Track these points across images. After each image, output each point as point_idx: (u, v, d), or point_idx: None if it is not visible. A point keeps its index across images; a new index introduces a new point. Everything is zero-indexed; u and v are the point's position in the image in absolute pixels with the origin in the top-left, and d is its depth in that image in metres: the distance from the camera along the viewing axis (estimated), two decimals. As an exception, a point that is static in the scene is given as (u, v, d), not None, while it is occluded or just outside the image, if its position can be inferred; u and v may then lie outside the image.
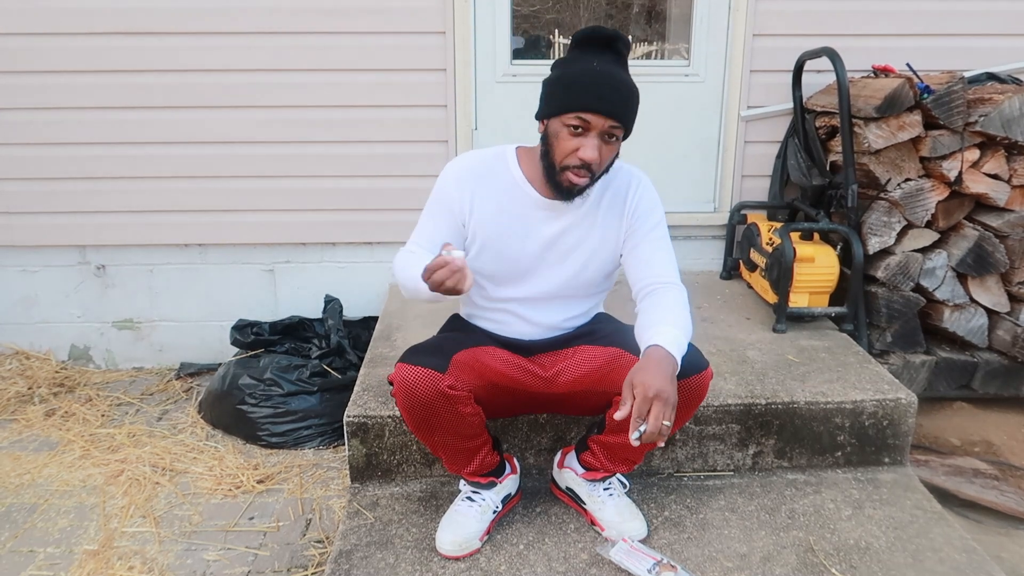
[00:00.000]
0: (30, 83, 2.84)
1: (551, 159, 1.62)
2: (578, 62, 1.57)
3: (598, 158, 1.58)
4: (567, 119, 1.57)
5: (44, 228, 3.01)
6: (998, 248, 2.50)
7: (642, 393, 1.42)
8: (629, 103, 1.58)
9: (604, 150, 1.59)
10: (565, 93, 1.57)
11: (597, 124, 1.55)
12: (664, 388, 1.43)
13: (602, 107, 1.54)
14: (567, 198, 1.68)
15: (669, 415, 1.43)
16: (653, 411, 1.42)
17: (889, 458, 2.15)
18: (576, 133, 1.57)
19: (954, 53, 2.90)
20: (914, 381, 2.58)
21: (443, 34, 2.85)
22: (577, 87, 1.55)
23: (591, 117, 1.55)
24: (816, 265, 2.57)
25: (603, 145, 1.58)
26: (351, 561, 1.75)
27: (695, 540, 1.83)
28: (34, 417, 2.73)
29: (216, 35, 2.81)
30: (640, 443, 1.44)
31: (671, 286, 1.69)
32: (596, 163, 1.59)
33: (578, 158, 1.58)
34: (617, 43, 1.58)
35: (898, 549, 1.80)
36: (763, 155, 3.04)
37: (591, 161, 1.57)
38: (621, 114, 1.56)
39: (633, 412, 1.43)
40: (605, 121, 1.55)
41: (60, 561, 1.98)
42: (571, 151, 1.58)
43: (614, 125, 1.56)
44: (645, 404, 1.42)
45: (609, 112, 1.55)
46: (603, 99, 1.54)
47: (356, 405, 2.05)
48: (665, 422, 1.42)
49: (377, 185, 2.99)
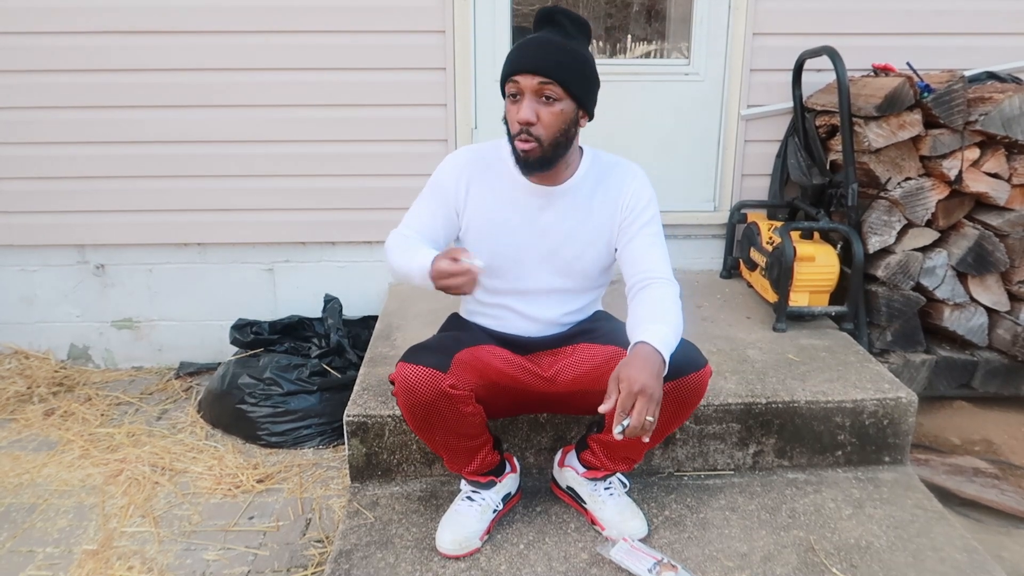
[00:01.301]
0: (29, 82, 2.83)
1: (509, 135, 1.66)
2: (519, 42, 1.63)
3: (533, 118, 1.59)
4: (508, 89, 1.62)
5: (43, 227, 3.00)
6: (998, 247, 2.50)
7: (627, 388, 1.43)
8: (560, 60, 1.57)
9: (543, 112, 1.60)
10: (503, 68, 1.62)
11: (527, 84, 1.58)
12: (649, 384, 1.43)
13: (526, 65, 1.57)
14: (526, 171, 1.68)
15: (653, 411, 1.44)
16: (637, 406, 1.43)
17: (890, 457, 2.15)
18: (515, 101, 1.61)
19: (954, 52, 2.90)
20: (914, 380, 2.58)
21: (443, 33, 2.84)
22: (509, 57, 1.61)
23: (519, 78, 1.58)
24: (816, 264, 2.57)
25: (540, 107, 1.59)
26: (351, 561, 1.75)
27: (696, 539, 1.83)
28: (33, 417, 2.73)
29: (214, 34, 2.81)
30: (623, 437, 1.44)
31: (663, 282, 1.69)
32: (537, 127, 1.60)
33: (516, 123, 1.61)
34: (555, 16, 1.62)
35: (899, 548, 1.80)
36: (763, 154, 3.04)
37: (527, 121, 1.59)
38: (548, 70, 1.56)
39: (617, 406, 1.44)
40: (532, 79, 1.57)
41: (59, 561, 1.98)
42: (513, 120, 1.62)
43: (543, 81, 1.57)
44: (629, 399, 1.43)
45: (534, 69, 1.56)
46: (527, 58, 1.57)
47: (356, 404, 2.05)
48: (648, 417, 1.43)
49: (377, 184, 2.99)
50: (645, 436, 1.46)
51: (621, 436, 1.44)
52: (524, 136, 1.61)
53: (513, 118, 1.62)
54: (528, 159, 1.64)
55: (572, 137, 1.67)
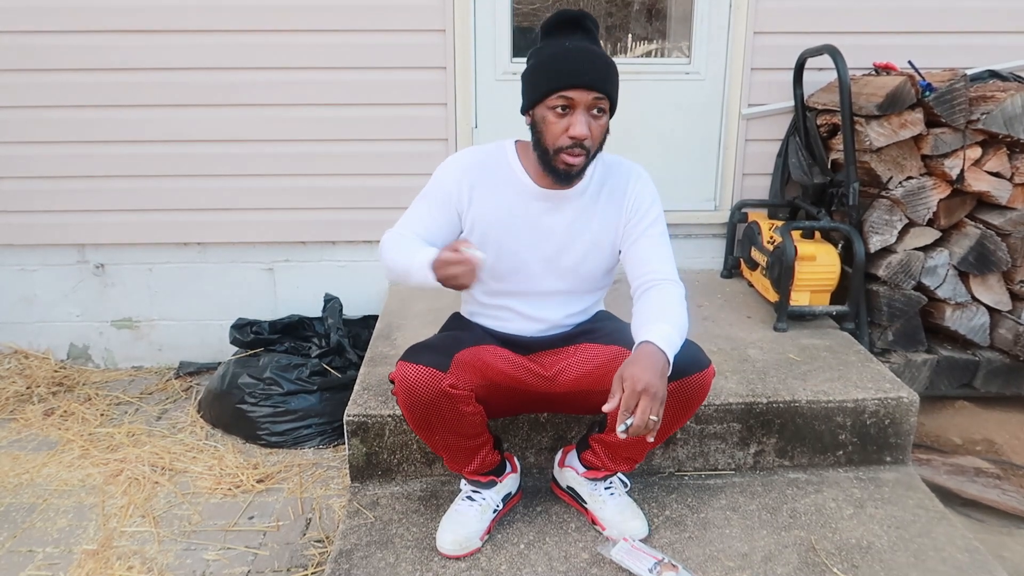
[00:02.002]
0: (28, 81, 2.83)
1: (543, 146, 1.63)
2: (549, 46, 1.59)
3: (588, 133, 1.58)
4: (551, 102, 1.57)
5: (43, 227, 3.00)
6: (1000, 246, 2.49)
7: (631, 387, 1.43)
8: (608, 74, 1.58)
9: (593, 126, 1.59)
10: (544, 77, 1.58)
11: (581, 99, 1.56)
12: (653, 383, 1.43)
13: (582, 80, 1.55)
14: (566, 182, 1.68)
15: (657, 410, 1.43)
16: (641, 405, 1.42)
17: (891, 457, 2.14)
18: (563, 114, 1.58)
19: (956, 51, 2.89)
20: (916, 380, 2.57)
21: (443, 32, 2.84)
22: (554, 68, 1.56)
23: (574, 93, 1.55)
24: (817, 263, 2.57)
25: (591, 120, 1.59)
26: (351, 561, 1.74)
27: (696, 539, 1.82)
28: (33, 416, 2.73)
29: (214, 33, 2.81)
30: (627, 436, 1.44)
31: (669, 282, 1.68)
32: (588, 139, 1.59)
33: (569, 137, 1.58)
34: (584, 21, 1.60)
35: (900, 548, 1.79)
36: (764, 153, 3.03)
37: (582, 137, 1.57)
38: (602, 85, 1.56)
39: (621, 405, 1.43)
40: (588, 94, 1.56)
41: (59, 561, 1.97)
42: (561, 132, 1.59)
43: (598, 97, 1.57)
44: (633, 398, 1.43)
45: (590, 84, 1.55)
46: (582, 73, 1.55)
47: (356, 404, 2.05)
48: (652, 417, 1.43)
49: (377, 183, 2.98)
50: (650, 436, 1.46)
51: (624, 435, 1.44)
52: (577, 150, 1.59)
53: (559, 131, 1.58)
54: (572, 172, 1.64)
55: (603, 145, 1.68)
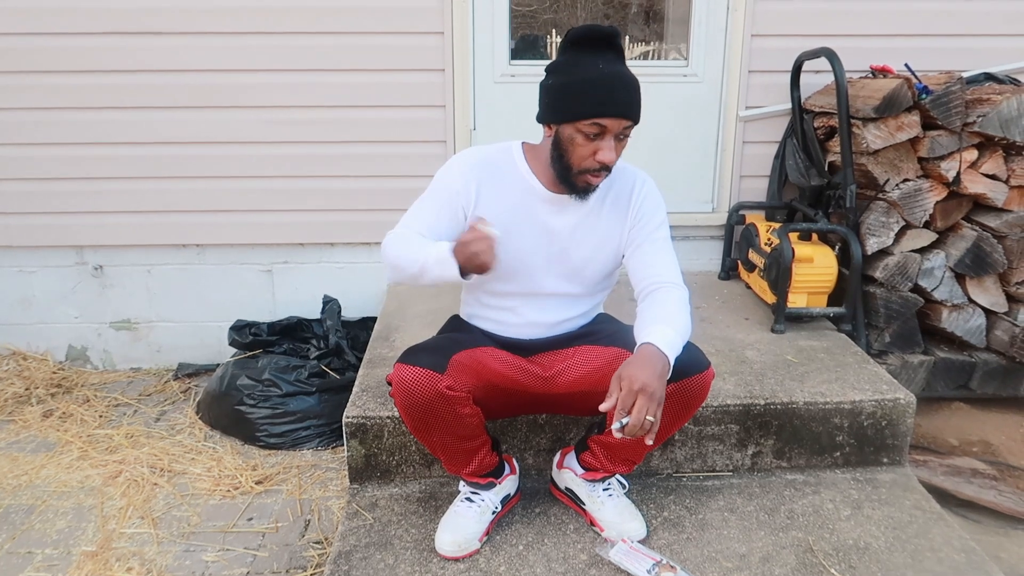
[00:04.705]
0: (27, 83, 2.83)
1: (566, 163, 1.63)
2: (582, 65, 1.56)
3: (616, 158, 1.61)
4: (582, 125, 1.57)
5: (41, 228, 3.00)
6: (996, 248, 2.50)
7: (628, 386, 1.44)
8: (638, 100, 1.60)
9: (618, 148, 1.63)
10: (578, 99, 1.56)
11: (613, 127, 1.57)
12: (650, 383, 1.44)
13: (617, 111, 1.56)
14: (583, 196, 1.70)
15: (654, 411, 1.44)
16: (637, 404, 1.43)
17: (888, 458, 2.15)
18: (592, 138, 1.58)
19: (952, 53, 2.90)
20: (912, 381, 2.58)
21: (441, 34, 2.84)
22: (591, 93, 1.55)
23: (608, 122, 1.56)
24: (814, 265, 2.58)
25: (618, 144, 1.61)
26: (350, 562, 1.75)
27: (694, 540, 1.83)
28: (31, 418, 2.73)
29: (213, 35, 2.81)
30: (623, 436, 1.44)
31: (672, 286, 1.69)
32: (614, 163, 1.62)
33: (597, 162, 1.60)
34: (616, 40, 1.60)
35: (897, 549, 1.80)
36: (761, 155, 3.04)
37: (611, 163, 1.60)
38: (634, 114, 1.59)
39: (618, 404, 1.44)
40: (621, 123, 1.57)
41: (58, 563, 1.97)
42: (589, 155, 1.60)
43: (628, 125, 1.59)
44: (630, 397, 1.43)
45: (624, 114, 1.57)
46: (618, 103, 1.56)
47: (355, 406, 2.05)
48: (649, 417, 1.43)
49: (375, 185, 2.99)
50: (649, 437, 1.46)
51: (620, 435, 1.45)
52: (602, 173, 1.63)
53: (587, 154, 1.60)
54: (591, 189, 1.67)
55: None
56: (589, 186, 1.66)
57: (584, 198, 1.71)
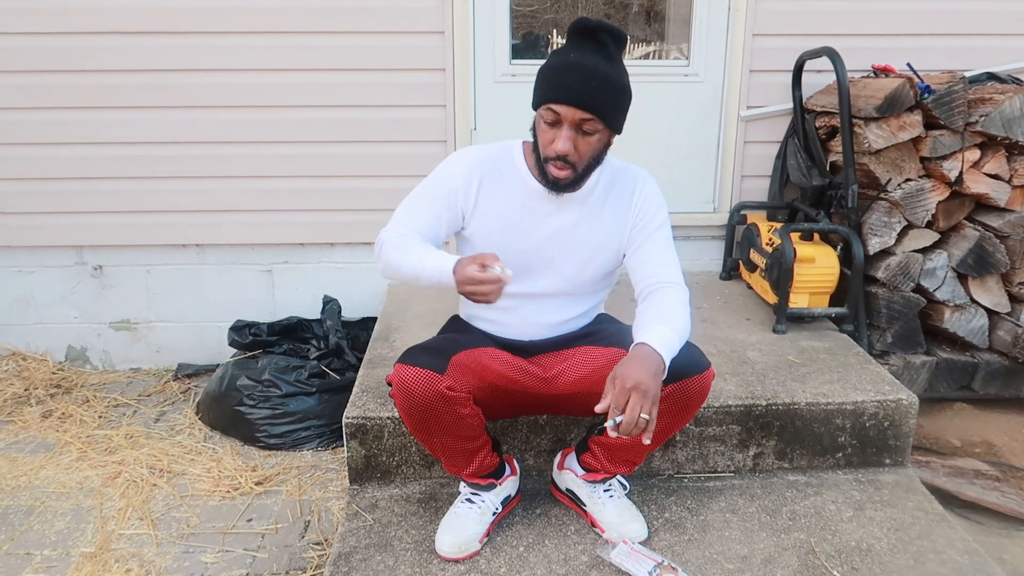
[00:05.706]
0: (26, 83, 2.83)
1: (537, 151, 1.64)
2: (559, 54, 1.57)
3: (572, 151, 1.57)
4: (543, 111, 1.58)
5: (41, 228, 2.99)
6: (999, 248, 2.50)
7: (620, 384, 1.43)
8: (603, 94, 1.54)
9: (580, 143, 1.58)
10: (541, 84, 1.58)
11: (568, 116, 1.54)
12: (643, 381, 1.43)
13: (568, 98, 1.53)
14: (555, 190, 1.68)
15: (648, 408, 1.43)
16: (631, 402, 1.42)
17: (890, 459, 2.14)
18: (551, 125, 1.57)
19: (955, 53, 2.89)
20: (915, 382, 2.57)
21: (442, 34, 2.84)
22: (550, 78, 1.55)
23: (560, 108, 1.54)
24: (816, 266, 2.57)
25: (578, 137, 1.57)
26: (350, 563, 1.74)
27: (696, 542, 1.82)
28: (31, 419, 2.72)
29: (213, 35, 2.80)
30: (617, 434, 1.44)
31: (673, 286, 1.68)
32: (572, 156, 1.58)
33: (553, 150, 1.58)
34: (599, 33, 1.55)
35: (900, 551, 1.79)
36: (763, 155, 3.03)
37: (564, 153, 1.57)
38: (592, 105, 1.53)
39: (611, 403, 1.43)
40: (575, 113, 1.54)
41: (57, 564, 1.97)
42: (548, 143, 1.59)
43: (585, 118, 1.54)
44: (623, 395, 1.43)
45: (577, 103, 1.53)
46: (570, 90, 1.53)
47: (355, 406, 2.04)
48: (643, 415, 1.42)
49: (375, 185, 2.98)
50: (646, 437, 1.45)
51: (615, 433, 1.44)
52: (560, 164, 1.60)
53: (548, 143, 1.59)
54: (559, 183, 1.64)
55: (603, 158, 1.68)
56: (556, 180, 1.63)
57: (557, 193, 1.68)
